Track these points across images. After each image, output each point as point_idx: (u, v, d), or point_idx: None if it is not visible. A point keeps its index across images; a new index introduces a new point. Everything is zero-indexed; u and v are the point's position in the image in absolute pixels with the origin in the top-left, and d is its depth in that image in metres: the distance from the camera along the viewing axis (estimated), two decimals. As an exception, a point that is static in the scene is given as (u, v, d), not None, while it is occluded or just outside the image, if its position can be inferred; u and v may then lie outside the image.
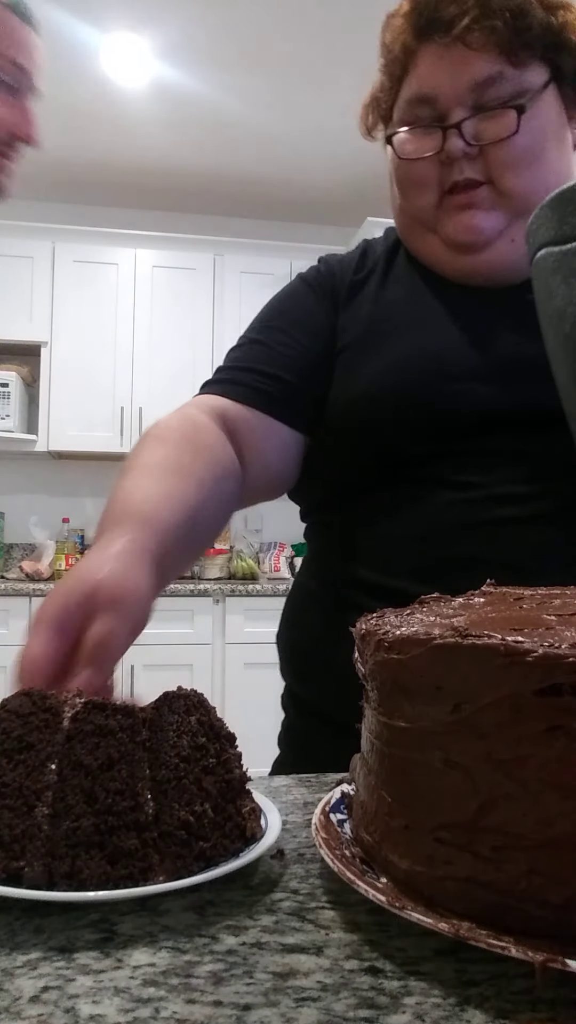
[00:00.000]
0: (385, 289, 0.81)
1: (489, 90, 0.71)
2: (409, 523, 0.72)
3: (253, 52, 2.72)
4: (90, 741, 0.37)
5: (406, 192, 0.78)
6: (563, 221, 0.44)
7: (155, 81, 2.90)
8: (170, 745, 0.38)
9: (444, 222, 0.75)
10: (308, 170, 3.53)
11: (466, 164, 0.72)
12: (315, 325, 0.81)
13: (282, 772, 0.82)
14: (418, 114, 0.74)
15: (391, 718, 0.35)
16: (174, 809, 0.37)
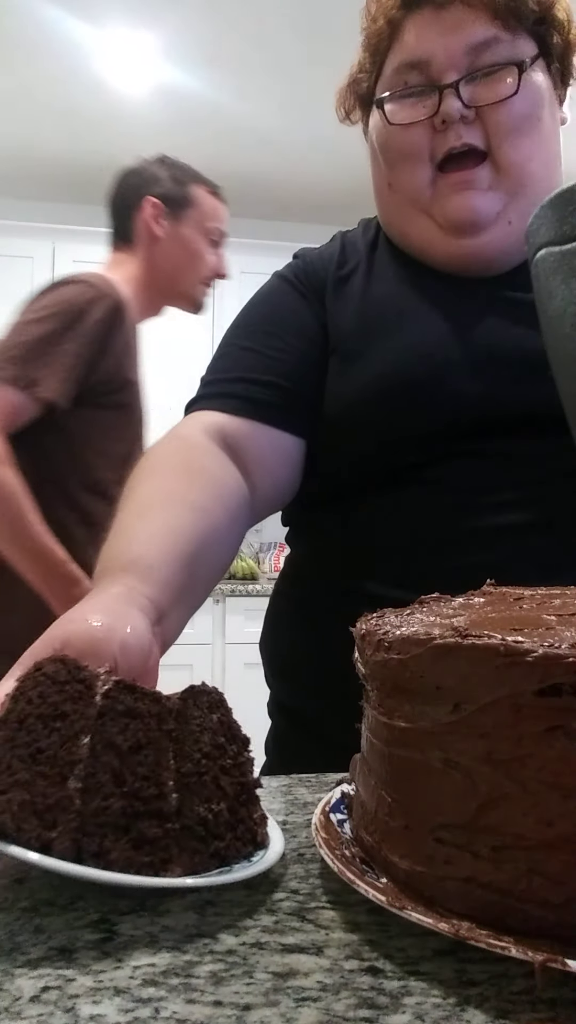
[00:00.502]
0: (371, 285, 0.78)
1: (485, 53, 0.69)
2: (401, 530, 0.70)
3: (253, 52, 2.73)
4: (120, 721, 0.36)
5: (396, 167, 0.74)
6: (563, 221, 0.44)
7: (155, 81, 2.90)
8: (194, 739, 0.38)
9: (440, 203, 0.72)
10: (308, 170, 3.53)
11: (463, 129, 0.69)
12: (303, 325, 0.77)
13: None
14: (408, 80, 0.71)
15: (391, 718, 0.35)
16: (194, 804, 0.37)
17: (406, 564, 0.69)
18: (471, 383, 0.69)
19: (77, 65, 2.80)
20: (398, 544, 0.70)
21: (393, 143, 0.73)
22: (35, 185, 3.71)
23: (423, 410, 0.70)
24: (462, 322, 0.72)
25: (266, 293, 0.82)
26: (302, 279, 0.81)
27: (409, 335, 0.72)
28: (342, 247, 0.83)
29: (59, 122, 3.18)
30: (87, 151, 3.40)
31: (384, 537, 0.71)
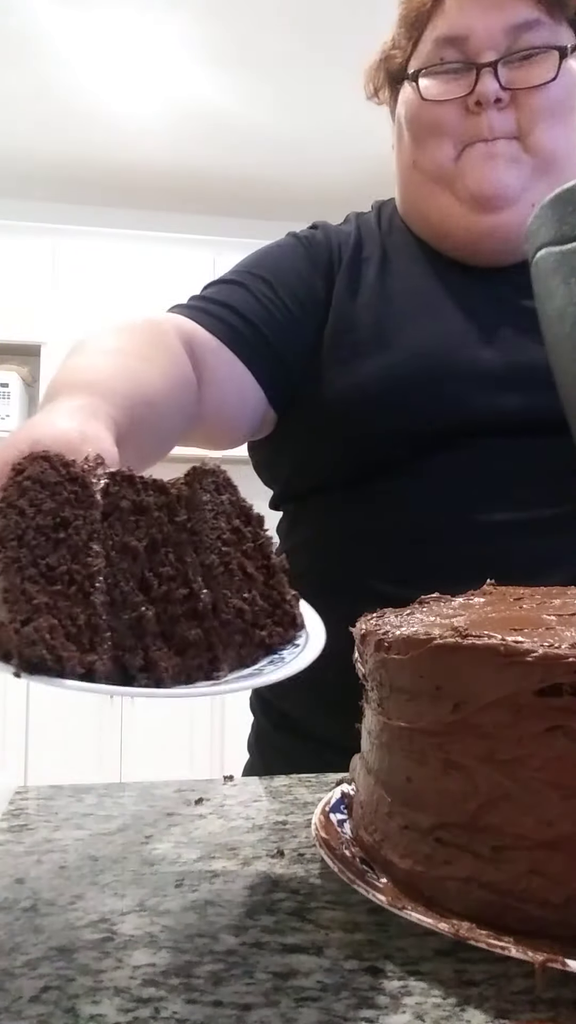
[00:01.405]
0: (386, 275, 0.77)
1: (525, 35, 0.68)
2: (393, 522, 0.70)
3: (253, 52, 2.73)
4: (129, 521, 0.33)
5: (423, 141, 0.73)
6: (563, 221, 0.44)
7: (155, 81, 2.90)
8: (210, 528, 0.35)
9: (464, 176, 0.71)
10: (308, 170, 3.53)
11: (495, 114, 0.69)
12: (304, 292, 0.75)
13: (251, 774, 0.81)
14: (444, 56, 0.70)
15: (391, 718, 0.35)
16: (227, 597, 0.34)
17: (398, 557, 0.69)
18: (475, 386, 0.69)
19: (78, 65, 2.80)
20: (390, 537, 0.70)
21: (423, 118, 0.73)
22: (35, 185, 3.71)
23: (424, 409, 0.70)
24: (472, 324, 0.72)
25: (277, 247, 0.81)
26: (317, 249, 0.79)
27: (419, 334, 0.72)
28: (358, 230, 0.82)
29: (59, 122, 3.17)
30: (87, 151, 3.40)
31: (375, 530, 0.71)
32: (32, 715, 2.96)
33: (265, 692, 0.80)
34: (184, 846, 0.42)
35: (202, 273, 3.88)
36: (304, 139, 3.28)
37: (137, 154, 3.43)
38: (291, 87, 2.92)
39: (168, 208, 3.91)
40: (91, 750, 2.97)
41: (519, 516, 0.67)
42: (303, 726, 0.75)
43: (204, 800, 0.50)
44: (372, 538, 0.71)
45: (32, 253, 3.45)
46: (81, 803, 0.50)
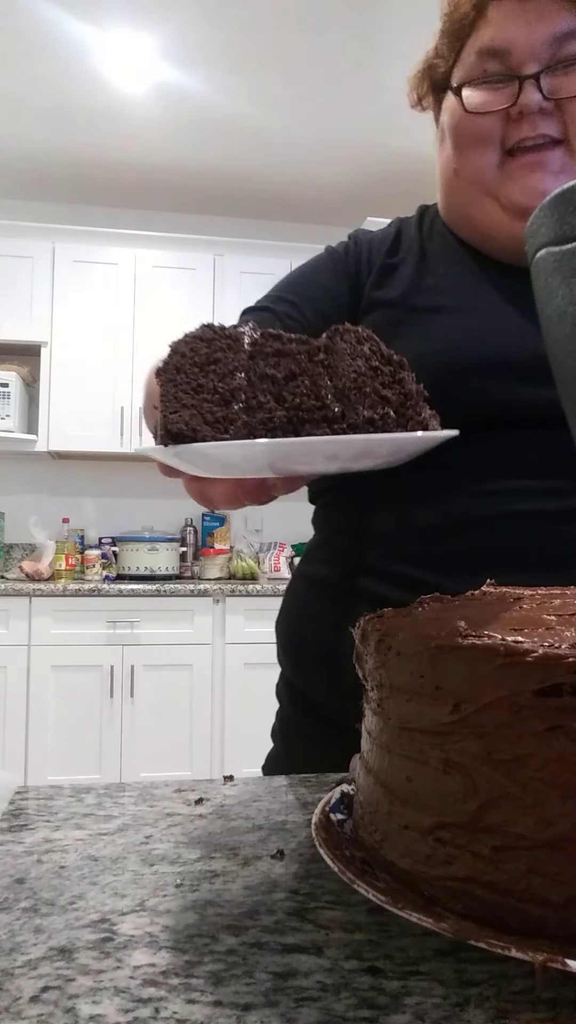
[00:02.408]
0: (421, 274, 0.79)
1: (568, 44, 0.69)
2: (430, 510, 0.71)
3: (253, 52, 2.72)
4: (271, 359, 0.39)
5: (465, 150, 0.75)
6: (563, 221, 0.44)
7: (155, 81, 2.90)
8: (347, 364, 0.40)
9: (507, 185, 0.73)
10: (308, 170, 3.53)
11: (540, 120, 0.70)
12: (327, 305, 0.78)
13: (275, 766, 0.82)
14: (487, 68, 0.72)
15: (391, 718, 0.35)
16: (359, 410, 0.39)
17: (438, 546, 0.70)
18: (507, 378, 0.70)
19: (77, 65, 2.80)
20: (430, 525, 0.71)
21: (466, 128, 0.74)
22: (35, 185, 3.71)
23: (455, 399, 0.70)
24: (512, 316, 0.73)
25: (307, 265, 0.85)
26: (345, 260, 0.82)
27: (455, 324, 0.73)
28: (397, 233, 0.84)
29: (59, 122, 3.17)
30: (87, 151, 3.40)
31: (415, 518, 0.72)
32: (32, 715, 2.96)
33: (293, 678, 0.82)
34: (184, 846, 0.42)
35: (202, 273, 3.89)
36: (304, 139, 3.28)
37: (137, 154, 3.43)
38: (292, 87, 2.92)
39: (168, 208, 3.91)
40: (91, 750, 2.97)
41: (552, 506, 0.68)
42: (329, 712, 0.75)
43: (204, 800, 0.50)
44: (407, 528, 0.72)
45: (32, 253, 3.45)
46: (81, 803, 0.50)
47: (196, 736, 3.02)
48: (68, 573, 3.36)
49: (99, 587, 3.03)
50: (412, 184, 3.55)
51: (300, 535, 3.86)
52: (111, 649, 3.01)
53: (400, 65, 2.72)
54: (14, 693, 2.95)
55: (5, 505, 3.63)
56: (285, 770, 0.75)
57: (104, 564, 3.40)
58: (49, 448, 3.40)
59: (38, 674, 2.97)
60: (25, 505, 3.67)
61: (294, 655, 0.83)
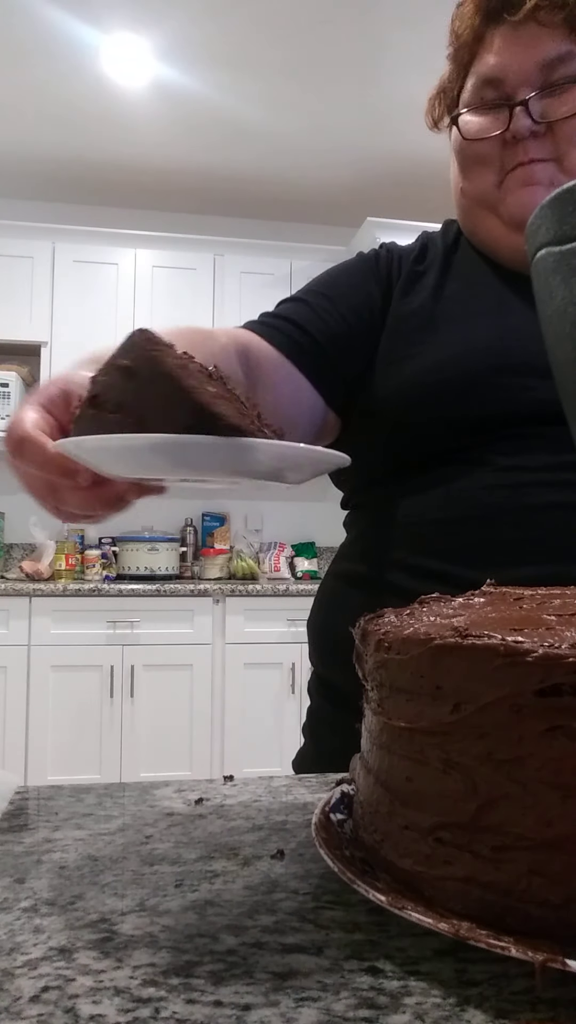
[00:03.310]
0: (444, 282, 0.82)
1: (559, 69, 0.71)
2: (457, 504, 0.73)
3: (253, 52, 2.72)
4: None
5: (468, 172, 0.78)
6: (563, 221, 0.44)
7: (155, 81, 2.90)
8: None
9: (505, 200, 0.76)
10: (308, 170, 3.53)
11: (532, 144, 0.73)
12: (359, 302, 0.81)
13: (305, 761, 0.84)
14: (483, 96, 0.75)
15: (391, 718, 0.35)
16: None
17: (464, 539, 0.71)
18: (532, 376, 0.71)
19: (77, 65, 2.80)
20: (456, 519, 0.72)
21: (466, 152, 0.78)
22: (35, 185, 3.71)
23: (481, 398, 0.73)
24: (530, 319, 0.74)
25: (340, 266, 0.87)
26: (377, 264, 0.85)
27: (476, 327, 0.76)
28: (423, 245, 0.88)
29: (59, 122, 3.17)
30: (87, 151, 3.40)
31: (441, 512, 0.73)
32: (32, 715, 2.96)
33: (325, 673, 0.84)
34: (184, 846, 0.42)
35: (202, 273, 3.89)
36: (304, 139, 3.28)
37: (137, 154, 3.43)
38: (291, 87, 2.92)
39: (168, 208, 3.91)
40: (91, 750, 2.97)
41: (572, 497, 0.69)
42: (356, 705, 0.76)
43: (204, 800, 0.50)
44: (432, 522, 0.74)
45: (32, 253, 3.45)
46: (81, 803, 0.50)
47: (196, 736, 3.02)
48: (68, 573, 3.36)
49: (99, 587, 3.03)
50: (412, 185, 3.55)
51: (300, 535, 3.86)
52: (111, 649, 3.01)
53: (400, 66, 2.74)
54: (14, 693, 2.95)
55: (5, 505, 3.63)
56: (317, 767, 0.76)
57: (104, 564, 3.40)
58: (49, 448, 3.40)
59: (38, 674, 2.97)
60: (25, 505, 3.66)
61: (324, 650, 0.84)
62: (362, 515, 0.85)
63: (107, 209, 3.89)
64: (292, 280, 3.56)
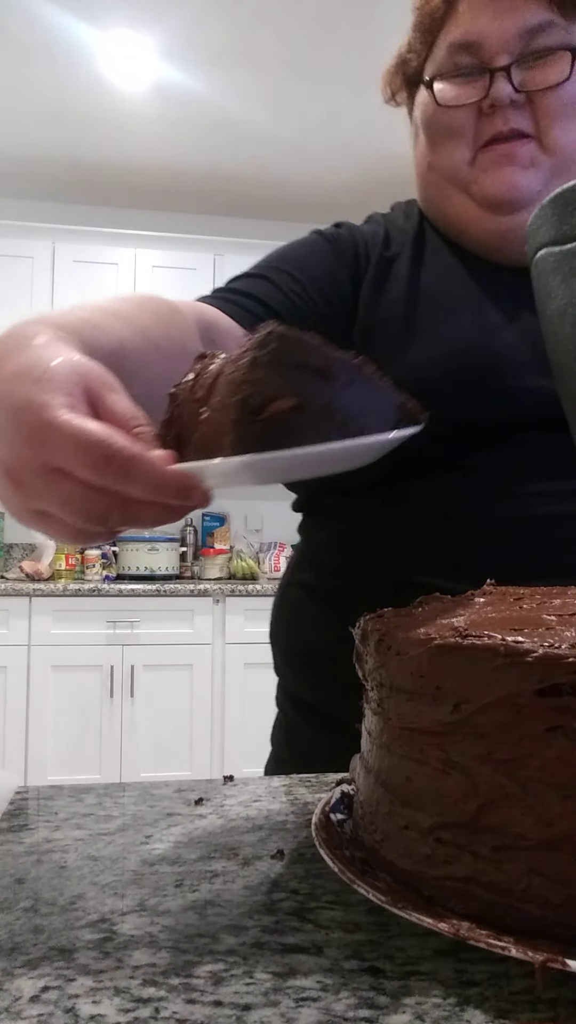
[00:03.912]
0: (418, 272, 0.77)
1: (539, 37, 0.68)
2: (443, 516, 0.69)
3: (253, 52, 2.72)
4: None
5: (438, 145, 0.74)
6: (563, 221, 0.44)
7: (155, 81, 2.90)
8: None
9: (479, 178, 0.72)
10: (308, 170, 3.53)
11: (511, 113, 0.69)
12: (330, 287, 0.75)
13: (277, 771, 0.81)
14: (459, 62, 0.71)
15: (391, 718, 0.35)
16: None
17: (439, 551, 0.68)
18: (514, 380, 0.69)
19: (77, 65, 2.80)
20: (434, 531, 0.69)
21: (438, 122, 0.73)
22: (35, 185, 3.71)
23: (465, 402, 0.69)
24: (515, 317, 0.72)
25: (302, 244, 0.80)
26: (343, 246, 0.79)
27: (457, 327, 0.72)
28: (386, 229, 0.82)
29: (59, 122, 3.17)
30: (87, 151, 3.40)
31: (418, 524, 0.70)
32: (32, 715, 2.96)
33: (297, 686, 0.80)
34: (184, 846, 0.42)
35: (202, 273, 3.89)
36: (304, 139, 3.28)
37: (137, 154, 3.43)
38: (291, 87, 2.92)
39: (168, 208, 3.91)
40: (91, 750, 2.97)
41: (562, 508, 0.67)
42: (335, 720, 0.74)
43: (204, 800, 0.50)
44: (421, 534, 0.70)
45: (32, 253, 3.45)
46: (81, 803, 0.50)
47: (196, 736, 3.02)
48: (68, 573, 3.36)
49: (99, 587, 3.03)
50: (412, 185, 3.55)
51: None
52: (111, 649, 3.01)
53: (400, 65, 2.62)
54: (14, 693, 2.95)
55: (5, 505, 3.63)
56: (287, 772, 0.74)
57: (104, 564, 3.40)
58: (49, 448, 3.40)
59: (38, 674, 2.97)
60: (25, 505, 3.66)
61: (295, 665, 0.80)
62: (328, 524, 0.79)
63: (107, 209, 3.89)
64: (292, 280, 3.56)
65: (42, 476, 0.37)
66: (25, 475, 0.37)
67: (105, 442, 0.35)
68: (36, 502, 0.38)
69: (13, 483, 0.38)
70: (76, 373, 0.38)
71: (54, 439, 0.36)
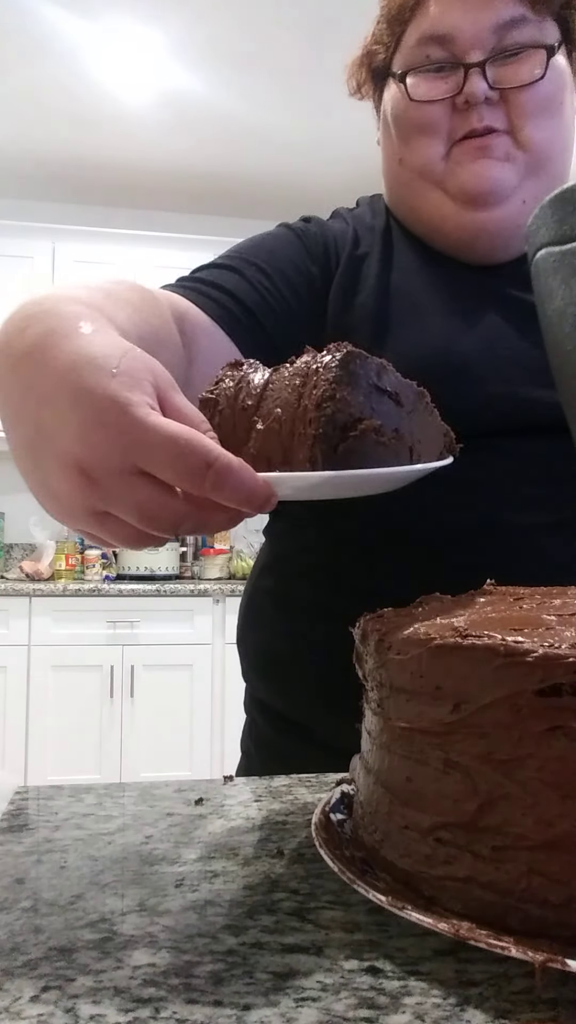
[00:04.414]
0: (388, 273, 0.75)
1: (512, 33, 0.67)
2: (410, 525, 0.68)
3: (254, 52, 2.72)
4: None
5: (411, 140, 0.72)
6: (563, 221, 0.44)
7: (155, 81, 2.90)
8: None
9: (455, 172, 0.70)
10: (308, 170, 3.53)
11: (486, 110, 0.68)
12: (300, 282, 0.73)
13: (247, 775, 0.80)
14: (430, 55, 0.69)
15: (391, 718, 0.35)
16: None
17: (410, 560, 0.67)
18: (488, 382, 0.68)
19: (78, 65, 2.80)
20: (403, 540, 0.68)
21: (410, 117, 0.71)
22: (35, 185, 3.71)
23: (439, 406, 0.68)
24: (479, 321, 0.71)
25: (271, 236, 0.78)
26: (313, 239, 0.77)
27: (426, 330, 0.71)
28: (353, 227, 0.80)
29: (59, 122, 3.17)
30: (87, 151, 3.40)
31: (387, 532, 0.69)
32: (32, 715, 2.96)
33: (264, 693, 0.79)
34: (184, 846, 0.42)
35: (202, 273, 3.80)
36: (304, 139, 3.28)
37: (137, 154, 3.42)
38: (292, 87, 2.92)
39: (168, 208, 3.91)
40: (91, 750, 2.97)
41: (535, 517, 0.66)
42: (305, 728, 0.73)
43: (204, 800, 0.50)
44: (391, 544, 0.69)
45: (32, 253, 3.45)
46: (81, 803, 0.50)
47: (196, 736, 3.02)
48: (68, 573, 3.36)
49: (99, 587, 3.03)
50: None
51: (300, 535, 3.85)
52: (111, 649, 3.01)
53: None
54: (14, 693, 2.95)
55: (5, 505, 3.63)
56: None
57: (104, 564, 3.40)
58: (49, 448, 3.40)
59: (38, 674, 2.97)
60: (25, 505, 3.66)
61: (260, 671, 0.79)
62: (296, 528, 0.78)
63: (107, 209, 3.89)
64: (292, 280, 3.56)
65: (123, 477, 0.34)
66: (102, 474, 0.34)
67: (204, 449, 0.33)
68: (105, 503, 0.36)
69: (85, 481, 0.35)
70: (148, 370, 0.36)
71: (145, 442, 0.33)
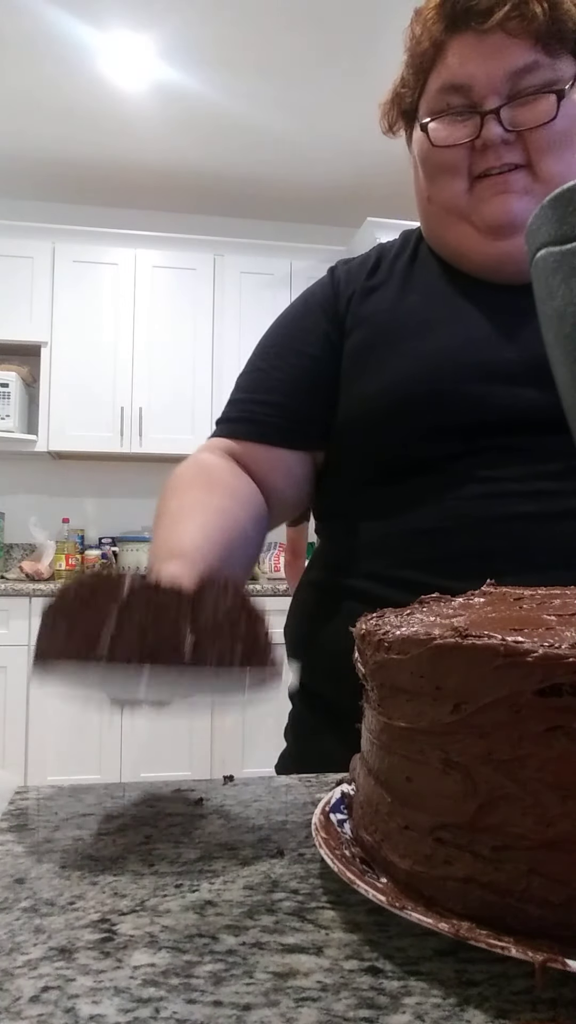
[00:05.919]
0: (404, 294, 0.82)
1: (526, 78, 0.71)
2: (428, 516, 0.73)
3: (253, 52, 2.73)
4: (141, 603, 0.42)
5: (436, 180, 0.78)
6: (563, 221, 0.44)
7: (155, 81, 2.90)
8: (210, 606, 0.44)
9: (477, 208, 0.76)
10: (308, 170, 3.53)
11: (503, 150, 0.73)
12: (307, 343, 0.83)
13: (287, 763, 0.85)
14: (450, 102, 0.74)
15: (391, 718, 0.35)
16: (209, 644, 0.42)
17: (437, 550, 0.72)
18: (496, 384, 0.72)
19: (77, 65, 2.80)
20: (429, 530, 0.73)
21: (434, 160, 0.77)
22: (35, 185, 3.71)
23: (445, 409, 0.73)
24: (496, 326, 0.76)
25: (285, 312, 0.89)
26: (323, 293, 0.86)
27: (440, 336, 0.76)
28: (377, 259, 0.88)
29: (59, 122, 3.17)
30: (87, 151, 3.40)
31: (414, 524, 0.74)
32: (32, 715, 2.96)
33: (302, 677, 0.84)
34: (184, 846, 0.42)
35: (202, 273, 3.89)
36: (304, 140, 3.28)
37: (137, 154, 3.43)
38: (292, 88, 2.93)
39: (168, 208, 3.91)
40: (91, 750, 2.97)
41: (548, 507, 0.70)
42: (339, 709, 0.77)
43: (204, 800, 0.50)
44: (407, 532, 0.74)
45: (32, 253, 3.45)
46: (81, 803, 0.50)
47: (196, 736, 3.02)
48: (68, 573, 3.36)
49: (99, 587, 3.02)
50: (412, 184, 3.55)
51: (300, 535, 3.85)
52: (111, 649, 3.00)
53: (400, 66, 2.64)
54: (14, 693, 2.95)
55: (5, 505, 3.63)
56: (296, 769, 0.76)
57: (104, 564, 3.40)
58: (49, 448, 3.40)
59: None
60: (25, 505, 3.67)
61: (300, 658, 0.84)
62: (335, 525, 0.86)
63: (107, 209, 3.89)
64: (292, 280, 3.56)
65: None
66: None
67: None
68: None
69: None
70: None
71: None
